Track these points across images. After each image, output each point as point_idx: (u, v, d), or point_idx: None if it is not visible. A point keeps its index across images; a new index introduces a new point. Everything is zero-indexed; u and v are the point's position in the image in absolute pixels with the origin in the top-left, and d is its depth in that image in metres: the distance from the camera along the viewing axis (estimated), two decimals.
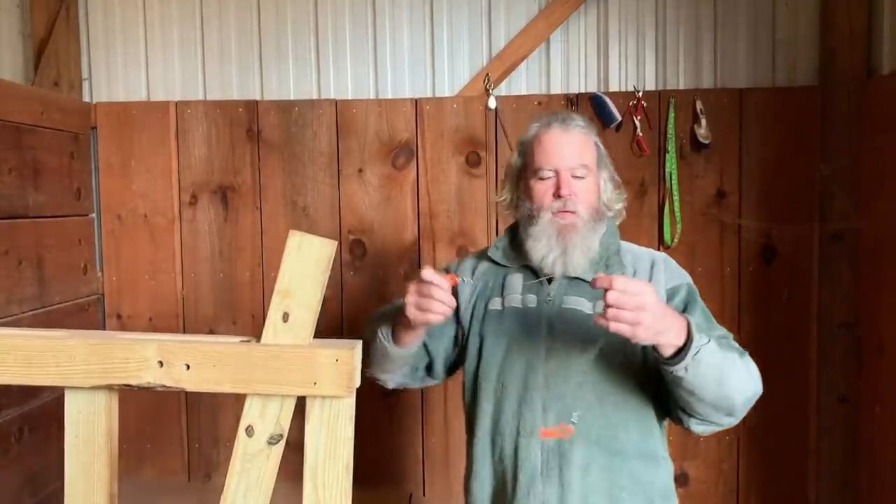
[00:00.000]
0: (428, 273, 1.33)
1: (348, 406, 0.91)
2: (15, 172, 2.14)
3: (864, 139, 2.21)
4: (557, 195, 1.42)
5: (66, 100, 2.47)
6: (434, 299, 1.32)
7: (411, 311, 1.35)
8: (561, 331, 1.43)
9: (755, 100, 2.33)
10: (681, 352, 1.24)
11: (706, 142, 2.31)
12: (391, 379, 1.59)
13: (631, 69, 2.45)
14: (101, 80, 2.63)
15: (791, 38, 2.38)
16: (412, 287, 1.35)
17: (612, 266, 1.46)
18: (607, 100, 2.34)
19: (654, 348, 1.25)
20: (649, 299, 1.19)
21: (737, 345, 1.40)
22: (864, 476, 2.23)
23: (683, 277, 1.48)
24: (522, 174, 1.51)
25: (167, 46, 2.60)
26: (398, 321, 1.43)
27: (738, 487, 2.41)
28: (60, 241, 2.36)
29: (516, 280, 1.50)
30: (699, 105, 2.32)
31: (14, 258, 2.13)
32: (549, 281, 1.46)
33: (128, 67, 2.62)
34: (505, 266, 1.53)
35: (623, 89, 2.43)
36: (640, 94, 2.34)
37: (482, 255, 1.60)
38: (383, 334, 1.47)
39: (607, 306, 1.18)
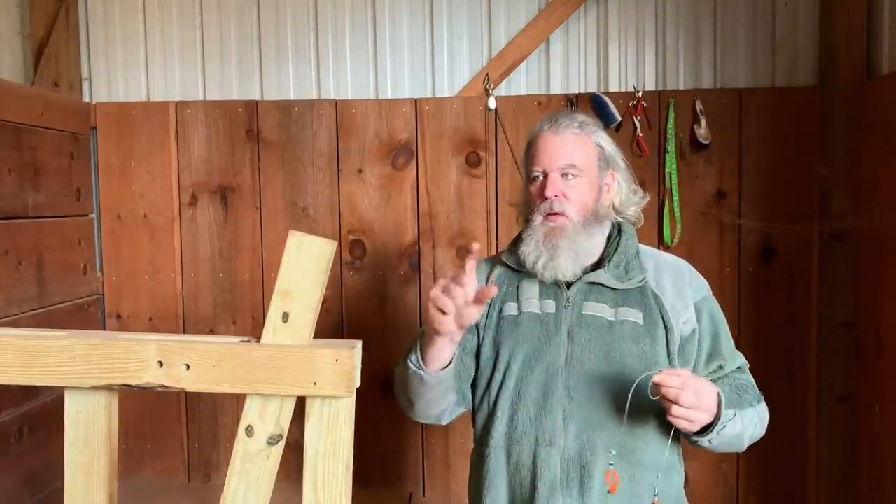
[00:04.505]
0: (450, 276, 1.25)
1: (348, 406, 0.91)
2: (15, 172, 2.14)
3: (864, 139, 2.21)
4: (545, 196, 1.41)
5: (66, 100, 2.47)
6: (452, 300, 1.23)
7: (432, 315, 1.25)
8: (581, 338, 1.39)
9: (755, 100, 2.33)
10: (708, 427, 1.29)
11: (706, 142, 2.31)
12: (443, 414, 1.48)
13: (631, 69, 2.45)
14: (101, 81, 2.63)
15: (791, 38, 2.38)
16: (441, 284, 1.26)
17: (631, 271, 1.43)
18: (607, 100, 2.34)
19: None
20: (702, 417, 1.26)
21: (752, 386, 1.45)
22: (864, 476, 2.23)
23: (704, 288, 1.48)
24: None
25: (167, 46, 2.60)
26: (424, 342, 1.34)
27: (738, 487, 2.41)
28: (60, 242, 2.36)
29: (532, 284, 1.46)
30: (699, 105, 2.32)
31: (14, 258, 2.13)
32: (569, 286, 1.43)
33: (128, 67, 2.62)
34: (519, 270, 1.48)
35: (623, 89, 2.43)
36: (640, 94, 2.34)
37: (495, 260, 1.57)
38: (413, 361, 1.36)
39: (672, 402, 1.23)
